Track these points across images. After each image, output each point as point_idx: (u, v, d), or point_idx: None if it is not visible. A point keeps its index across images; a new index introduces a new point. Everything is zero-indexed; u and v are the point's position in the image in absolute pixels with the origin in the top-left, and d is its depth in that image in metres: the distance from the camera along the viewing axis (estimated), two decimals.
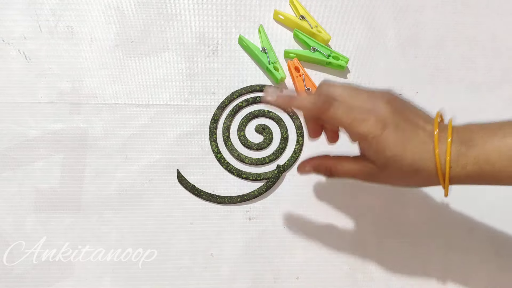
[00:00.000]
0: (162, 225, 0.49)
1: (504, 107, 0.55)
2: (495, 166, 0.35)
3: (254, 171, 0.51)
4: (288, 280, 0.48)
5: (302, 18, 0.55)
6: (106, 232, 0.48)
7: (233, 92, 0.53)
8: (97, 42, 0.54)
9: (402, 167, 0.36)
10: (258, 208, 0.50)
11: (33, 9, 0.54)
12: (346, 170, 0.40)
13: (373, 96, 0.37)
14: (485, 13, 0.58)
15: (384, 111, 0.36)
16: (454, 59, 0.56)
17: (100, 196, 0.49)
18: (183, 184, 0.49)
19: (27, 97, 0.51)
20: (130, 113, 0.52)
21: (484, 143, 0.35)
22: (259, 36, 0.55)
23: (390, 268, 0.49)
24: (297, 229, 0.50)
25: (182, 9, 0.55)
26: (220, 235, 0.49)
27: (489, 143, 0.35)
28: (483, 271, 0.49)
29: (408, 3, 0.58)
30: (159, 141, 0.51)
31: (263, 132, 0.52)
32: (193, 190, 0.49)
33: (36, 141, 0.50)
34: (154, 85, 0.53)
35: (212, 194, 0.49)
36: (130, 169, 0.50)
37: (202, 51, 0.54)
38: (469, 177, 0.36)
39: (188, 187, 0.49)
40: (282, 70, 0.53)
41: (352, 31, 0.56)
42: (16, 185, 0.49)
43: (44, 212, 0.48)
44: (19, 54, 0.52)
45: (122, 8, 0.55)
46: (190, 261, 0.48)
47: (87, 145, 0.50)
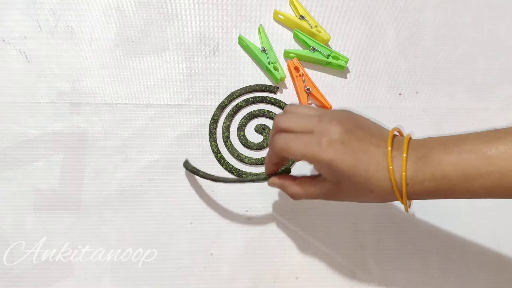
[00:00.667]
0: (162, 225, 0.49)
1: (504, 107, 0.55)
2: (452, 181, 0.34)
3: (254, 171, 0.51)
4: (288, 280, 0.48)
5: (302, 18, 0.55)
6: (106, 232, 0.48)
7: (232, 92, 0.53)
8: (97, 42, 0.54)
9: (356, 186, 0.36)
10: (258, 208, 0.50)
11: (33, 9, 0.54)
12: (306, 193, 0.40)
13: (323, 118, 0.37)
14: (485, 13, 0.58)
15: (334, 132, 0.36)
16: (454, 59, 0.56)
17: (100, 196, 0.49)
18: (194, 172, 0.48)
19: (27, 97, 0.51)
20: (130, 113, 0.52)
21: (440, 158, 0.35)
22: (259, 36, 0.55)
23: (390, 268, 0.49)
24: (297, 229, 0.50)
25: (182, 9, 0.55)
26: (220, 235, 0.49)
27: (445, 159, 0.35)
28: (483, 271, 0.49)
29: (408, 3, 0.58)
30: (159, 141, 0.51)
31: (262, 132, 0.53)
32: (207, 176, 0.47)
33: (36, 141, 0.50)
34: (154, 85, 0.53)
35: (227, 178, 0.47)
36: (130, 169, 0.50)
37: (202, 51, 0.54)
38: (428, 193, 0.36)
39: (201, 174, 0.47)
40: (282, 70, 0.53)
41: (352, 31, 0.56)
42: (16, 185, 0.49)
43: (44, 212, 0.48)
44: (19, 54, 0.52)
45: (122, 8, 0.55)
46: (190, 261, 0.48)
47: (86, 145, 0.50)
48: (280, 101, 0.53)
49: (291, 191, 0.41)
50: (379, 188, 0.36)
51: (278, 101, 0.53)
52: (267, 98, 0.53)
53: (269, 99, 0.53)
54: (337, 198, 0.39)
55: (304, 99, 0.52)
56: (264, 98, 0.53)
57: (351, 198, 0.39)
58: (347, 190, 0.37)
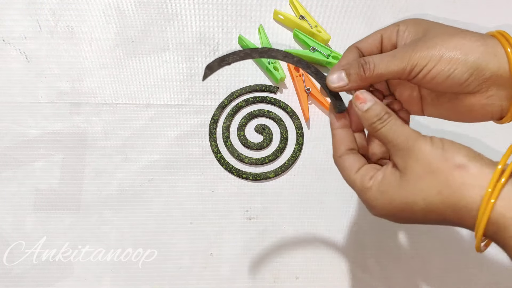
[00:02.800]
0: (162, 225, 0.49)
1: None
2: None
3: (254, 171, 0.51)
4: (288, 280, 0.48)
5: (302, 18, 0.55)
6: (106, 232, 0.48)
7: (232, 92, 0.53)
8: (97, 42, 0.54)
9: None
10: (258, 208, 0.50)
11: (33, 9, 0.54)
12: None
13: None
14: (485, 13, 0.58)
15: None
16: None
17: (100, 196, 0.49)
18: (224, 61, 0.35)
19: (27, 97, 0.51)
20: (130, 113, 0.52)
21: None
22: (258, 36, 0.55)
23: (390, 268, 0.49)
24: (296, 229, 0.50)
25: (182, 9, 0.55)
26: (220, 235, 0.49)
27: None
28: (483, 271, 0.49)
29: (408, 3, 0.58)
30: (159, 141, 0.51)
31: (262, 132, 0.53)
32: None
33: (36, 141, 0.50)
34: (154, 85, 0.53)
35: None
36: (130, 169, 0.50)
37: (202, 51, 0.54)
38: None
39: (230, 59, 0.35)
40: (282, 70, 0.53)
41: (352, 31, 0.56)
42: (16, 185, 0.49)
43: (44, 212, 0.48)
44: (19, 54, 0.52)
45: (122, 8, 0.55)
46: (190, 261, 0.48)
47: (87, 145, 0.50)
48: (280, 101, 0.53)
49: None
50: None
51: (278, 101, 0.53)
52: (267, 98, 0.53)
53: (269, 99, 0.53)
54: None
55: (304, 99, 0.52)
56: (264, 98, 0.53)
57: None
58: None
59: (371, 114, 0.31)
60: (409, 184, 0.29)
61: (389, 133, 0.31)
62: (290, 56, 0.35)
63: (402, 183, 0.30)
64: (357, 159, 0.34)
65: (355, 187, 0.33)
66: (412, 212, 0.30)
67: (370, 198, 0.31)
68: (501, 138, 0.46)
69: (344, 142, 0.34)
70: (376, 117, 0.31)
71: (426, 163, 0.29)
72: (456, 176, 0.28)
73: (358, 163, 0.33)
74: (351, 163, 0.33)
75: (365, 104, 0.32)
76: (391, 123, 0.31)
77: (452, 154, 0.28)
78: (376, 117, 0.31)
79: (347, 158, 0.34)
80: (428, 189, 0.28)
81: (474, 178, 0.27)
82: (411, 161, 0.29)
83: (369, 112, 0.32)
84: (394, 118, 0.31)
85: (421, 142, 0.29)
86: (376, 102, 0.32)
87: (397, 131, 0.30)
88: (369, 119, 0.32)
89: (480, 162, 0.28)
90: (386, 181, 0.31)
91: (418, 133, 0.30)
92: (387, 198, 0.30)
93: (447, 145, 0.29)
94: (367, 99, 0.32)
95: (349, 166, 0.33)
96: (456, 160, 0.28)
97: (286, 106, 0.53)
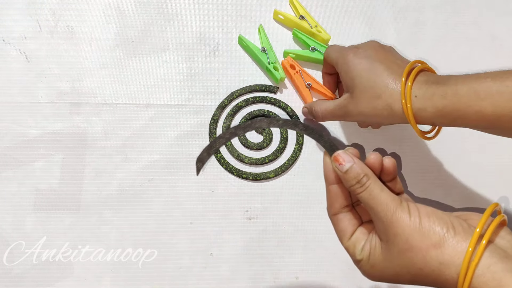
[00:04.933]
0: (162, 225, 0.49)
1: None
2: (462, 99, 0.35)
3: (254, 171, 0.51)
4: (288, 280, 0.48)
5: (301, 18, 0.55)
6: (106, 232, 0.48)
7: (232, 92, 0.53)
8: (97, 42, 0.54)
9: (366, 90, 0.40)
10: (258, 208, 0.50)
11: (33, 9, 0.54)
12: (324, 109, 0.46)
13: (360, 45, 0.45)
14: (485, 13, 0.58)
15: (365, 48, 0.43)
16: (454, 59, 0.56)
17: (100, 196, 0.49)
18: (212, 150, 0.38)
19: (27, 97, 0.51)
20: (129, 113, 0.52)
21: (455, 83, 0.36)
22: (258, 36, 0.55)
23: None
24: (296, 229, 0.50)
25: (182, 9, 0.55)
26: (220, 235, 0.49)
27: (460, 83, 0.36)
28: None
29: (408, 3, 0.58)
30: (159, 141, 0.51)
31: (262, 132, 0.53)
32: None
33: (36, 141, 0.50)
34: (154, 85, 0.53)
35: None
36: (130, 169, 0.50)
37: (202, 51, 0.54)
38: (436, 111, 0.37)
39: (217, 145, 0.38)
40: (282, 70, 0.53)
41: (352, 31, 0.56)
42: (16, 185, 0.49)
43: (44, 212, 0.48)
44: (19, 54, 0.52)
45: (122, 8, 0.55)
46: (190, 261, 0.48)
47: (86, 145, 0.50)
48: (280, 101, 0.53)
49: (315, 110, 0.47)
50: (387, 94, 0.39)
51: (278, 101, 0.53)
52: (267, 98, 0.53)
53: (269, 99, 0.53)
54: (350, 109, 0.42)
55: (308, 95, 0.52)
56: (264, 98, 0.53)
57: (362, 107, 0.41)
58: (358, 97, 0.41)
59: (350, 176, 0.33)
60: (393, 258, 0.31)
61: (369, 200, 0.32)
62: (274, 121, 0.36)
63: (387, 256, 0.31)
64: (351, 221, 0.35)
65: (348, 253, 0.34)
66: (403, 280, 0.32)
67: (362, 269, 0.34)
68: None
69: (338, 200, 0.35)
70: (355, 179, 0.33)
71: (404, 239, 0.30)
72: (433, 256, 0.29)
73: (351, 227, 0.35)
74: (344, 227, 0.35)
75: (343, 166, 0.33)
76: (370, 188, 0.32)
77: (428, 229, 0.30)
78: (354, 179, 0.33)
79: (341, 220, 0.35)
80: (410, 265, 0.30)
81: (450, 257, 0.29)
82: (391, 235, 0.31)
83: (348, 173, 0.33)
84: (373, 181, 0.33)
85: (399, 215, 0.31)
86: (354, 162, 0.33)
87: (376, 198, 0.32)
88: (349, 180, 0.33)
89: (456, 237, 0.29)
90: (373, 257, 0.32)
91: (397, 201, 0.31)
92: (378, 271, 0.32)
93: (424, 218, 0.30)
94: (346, 160, 0.33)
95: (342, 230, 0.35)
96: (432, 238, 0.29)
97: (286, 106, 0.53)
